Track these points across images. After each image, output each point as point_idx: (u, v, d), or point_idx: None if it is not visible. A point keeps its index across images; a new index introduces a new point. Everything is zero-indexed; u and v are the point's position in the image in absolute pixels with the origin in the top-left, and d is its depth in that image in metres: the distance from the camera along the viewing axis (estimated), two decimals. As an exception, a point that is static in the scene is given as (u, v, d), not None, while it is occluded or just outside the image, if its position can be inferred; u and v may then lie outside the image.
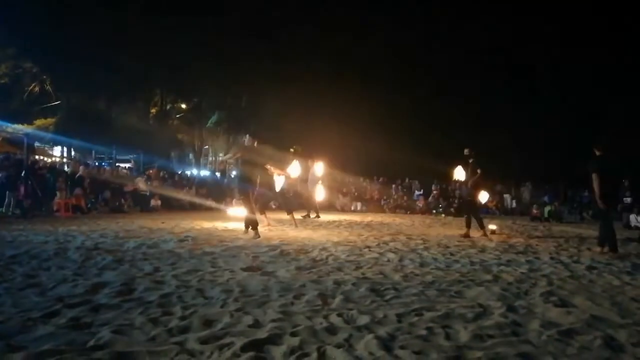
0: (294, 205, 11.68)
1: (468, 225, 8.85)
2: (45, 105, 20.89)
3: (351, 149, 23.25)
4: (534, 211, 15.83)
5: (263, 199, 11.25)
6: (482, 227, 8.95)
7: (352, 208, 18.97)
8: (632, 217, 13.30)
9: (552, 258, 6.21)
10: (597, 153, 7.18)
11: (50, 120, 21.08)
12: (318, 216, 13.25)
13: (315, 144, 20.96)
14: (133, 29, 19.19)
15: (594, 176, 6.87)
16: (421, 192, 20.00)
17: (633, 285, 4.57)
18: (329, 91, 22.24)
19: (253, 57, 20.94)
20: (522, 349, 2.65)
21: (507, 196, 20.09)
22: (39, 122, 20.78)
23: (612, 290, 4.27)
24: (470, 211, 9.14)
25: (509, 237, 8.99)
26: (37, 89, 20.93)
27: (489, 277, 4.76)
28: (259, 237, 7.67)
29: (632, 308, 3.65)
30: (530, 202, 18.45)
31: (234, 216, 11.01)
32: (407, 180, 21.26)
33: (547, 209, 15.90)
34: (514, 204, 19.71)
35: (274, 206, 13.84)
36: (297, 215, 11.52)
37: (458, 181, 9.68)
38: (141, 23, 19.19)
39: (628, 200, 17.66)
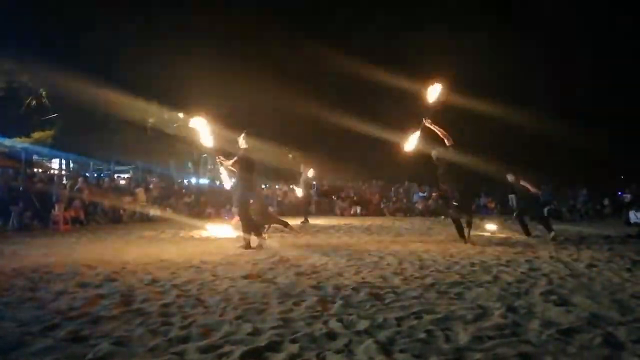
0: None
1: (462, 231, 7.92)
2: (42, 118, 20.90)
3: (350, 152, 23.28)
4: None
5: (262, 208, 11.26)
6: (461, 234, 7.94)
7: (352, 212, 18.94)
8: (632, 214, 13.30)
9: (551, 257, 6.20)
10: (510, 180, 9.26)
11: (48, 133, 21.09)
12: (307, 221, 13.28)
13: (313, 148, 20.99)
14: (130, 40, 19.25)
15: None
16: (424, 194, 19.93)
17: (633, 282, 4.57)
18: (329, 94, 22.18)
19: (250, 66, 20.96)
20: (522, 349, 2.65)
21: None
22: (36, 135, 20.78)
23: (612, 288, 4.27)
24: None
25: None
26: (34, 102, 20.95)
27: (488, 277, 4.76)
28: (249, 249, 7.09)
29: (632, 305, 3.65)
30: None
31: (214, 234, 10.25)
32: (406, 183, 21.25)
33: (546, 208, 15.90)
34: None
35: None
36: (296, 222, 11.55)
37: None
38: (138, 34, 19.26)
39: (627, 197, 17.70)
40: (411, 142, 8.02)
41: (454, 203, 7.74)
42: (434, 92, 7.77)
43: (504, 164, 10.47)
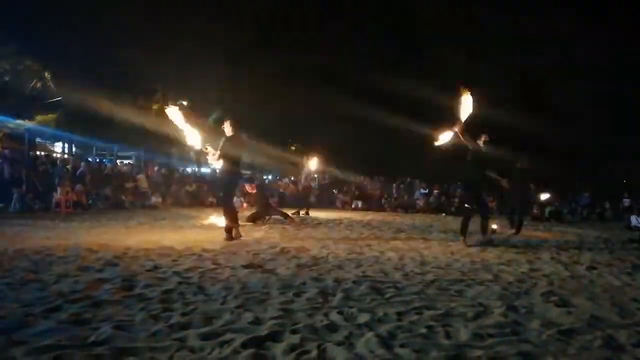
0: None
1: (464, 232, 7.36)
2: (46, 102, 20.89)
3: (354, 146, 23.27)
4: (535, 211, 15.83)
5: (263, 199, 11.27)
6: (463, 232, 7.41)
7: (353, 206, 18.95)
8: (633, 218, 13.29)
9: (552, 258, 6.21)
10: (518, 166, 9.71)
11: (51, 116, 21.10)
12: (307, 213, 13.29)
13: (317, 141, 20.99)
14: (134, 25, 19.21)
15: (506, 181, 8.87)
16: (426, 190, 19.92)
17: (633, 285, 4.57)
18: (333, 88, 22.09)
19: (258, 53, 20.86)
20: (522, 349, 2.66)
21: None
22: (40, 118, 20.79)
23: (612, 291, 4.27)
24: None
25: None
26: (38, 85, 20.93)
27: (489, 276, 4.76)
28: (232, 240, 6.89)
29: (632, 308, 3.65)
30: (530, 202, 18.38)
31: (215, 222, 9.72)
32: (408, 179, 21.25)
33: (547, 209, 15.91)
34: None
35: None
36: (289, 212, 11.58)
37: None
38: (142, 19, 19.23)
39: (627, 202, 17.72)
40: (443, 138, 7.61)
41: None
42: (466, 105, 7.23)
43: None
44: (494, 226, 9.87)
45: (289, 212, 11.56)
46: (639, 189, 19.05)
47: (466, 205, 7.77)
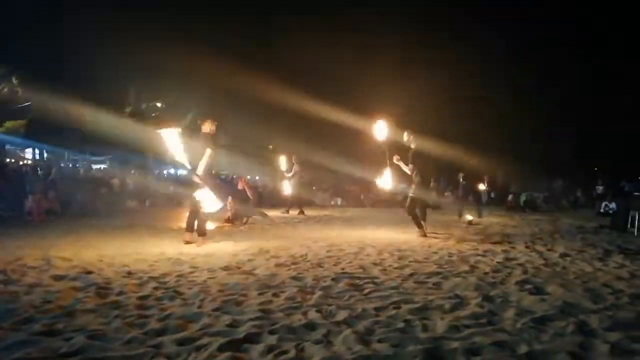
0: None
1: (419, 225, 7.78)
2: (15, 107, 20.30)
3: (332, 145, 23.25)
4: (510, 200, 16.13)
5: (244, 198, 11.19)
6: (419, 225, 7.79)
7: (332, 203, 19.00)
8: (604, 205, 13.68)
9: (527, 247, 6.33)
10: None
11: (20, 122, 20.52)
12: (288, 212, 13.25)
13: (295, 140, 20.89)
14: (104, 27, 18.84)
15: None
16: (405, 186, 20.06)
17: (604, 271, 4.69)
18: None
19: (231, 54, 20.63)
20: (498, 338, 2.70)
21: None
22: (8, 124, 20.21)
23: (584, 277, 4.38)
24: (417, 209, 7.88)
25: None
26: (5, 90, 20.34)
27: (466, 267, 4.83)
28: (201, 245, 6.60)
29: (604, 294, 3.75)
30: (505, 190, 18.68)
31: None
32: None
33: (522, 198, 16.23)
34: (492, 195, 19.93)
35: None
36: (277, 212, 11.53)
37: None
38: (113, 20, 18.85)
39: (600, 189, 18.20)
40: (386, 179, 8.56)
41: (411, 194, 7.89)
42: (382, 130, 8.03)
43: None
44: (470, 217, 10.03)
45: (270, 212, 11.51)
46: (611, 175, 19.59)
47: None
